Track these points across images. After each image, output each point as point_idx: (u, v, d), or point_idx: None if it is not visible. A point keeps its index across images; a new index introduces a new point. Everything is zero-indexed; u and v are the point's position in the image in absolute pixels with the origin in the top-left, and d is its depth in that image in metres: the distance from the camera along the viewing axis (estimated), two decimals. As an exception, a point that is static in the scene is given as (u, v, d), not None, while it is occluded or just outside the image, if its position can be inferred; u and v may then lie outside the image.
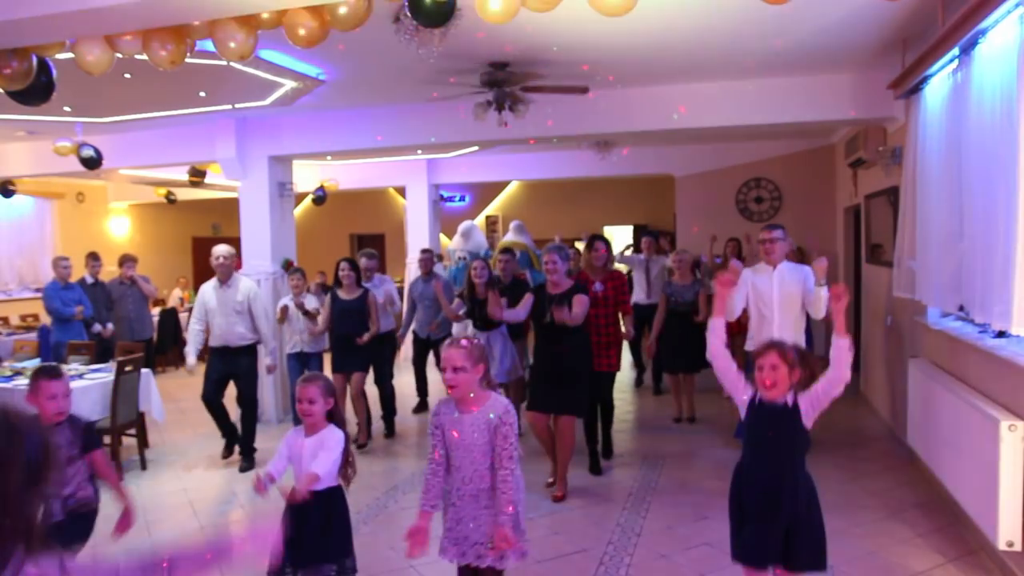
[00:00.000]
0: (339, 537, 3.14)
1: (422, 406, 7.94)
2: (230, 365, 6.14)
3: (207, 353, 6.27)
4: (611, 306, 5.61)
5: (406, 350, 8.86)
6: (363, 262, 6.85)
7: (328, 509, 3.11)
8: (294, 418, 7.03)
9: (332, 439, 3.13)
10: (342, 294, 6.51)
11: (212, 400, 6.13)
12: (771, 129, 7.92)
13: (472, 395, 2.83)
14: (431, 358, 7.82)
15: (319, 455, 3.08)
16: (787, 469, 2.91)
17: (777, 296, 5.08)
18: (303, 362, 6.84)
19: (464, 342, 2.84)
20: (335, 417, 3.21)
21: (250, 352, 6.27)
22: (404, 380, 8.10)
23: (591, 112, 6.92)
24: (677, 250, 7.66)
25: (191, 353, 6.21)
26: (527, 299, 5.23)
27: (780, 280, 5.12)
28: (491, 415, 2.82)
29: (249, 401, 6.26)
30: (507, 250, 6.73)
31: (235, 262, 6.33)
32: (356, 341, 6.36)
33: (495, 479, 2.82)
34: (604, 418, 5.89)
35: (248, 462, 6.17)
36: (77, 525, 3.18)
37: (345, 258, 6.63)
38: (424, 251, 7.89)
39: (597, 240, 5.80)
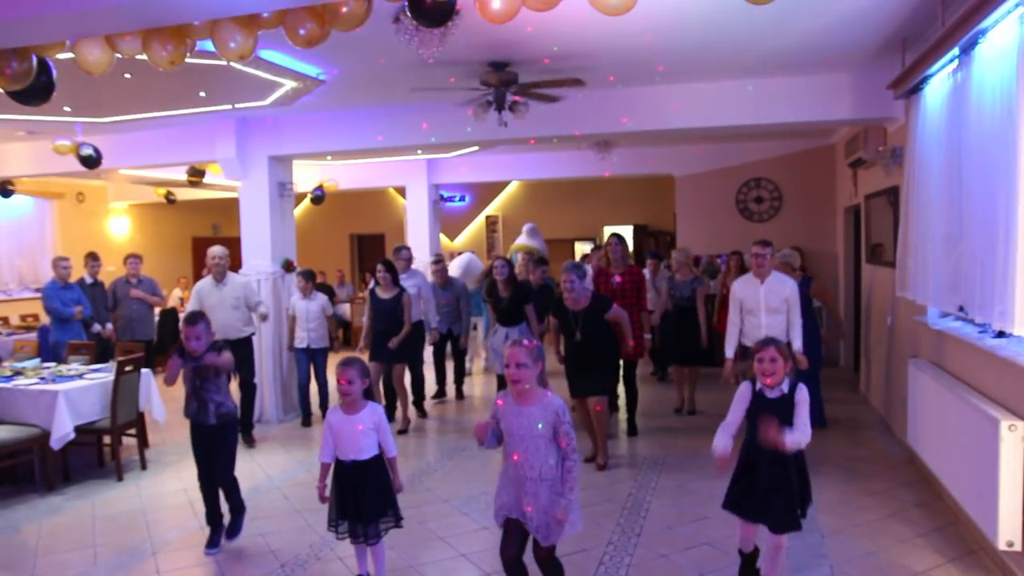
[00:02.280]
0: (389, 494, 3.69)
1: (440, 393, 8.46)
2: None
3: None
4: (630, 297, 6.41)
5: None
6: (403, 253, 7.47)
7: (378, 473, 3.65)
8: (303, 414, 7.58)
9: (380, 416, 3.66)
10: (380, 293, 6.94)
11: None
12: (771, 129, 7.93)
13: (529, 388, 3.16)
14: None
15: (381, 432, 3.66)
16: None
17: (763, 307, 5.61)
18: (310, 357, 7.43)
19: (526, 342, 3.19)
20: (371, 396, 3.73)
21: (247, 343, 6.85)
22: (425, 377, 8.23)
23: (591, 112, 6.92)
24: (676, 249, 8.00)
25: None
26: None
27: (767, 292, 5.60)
28: (551, 413, 3.14)
29: (248, 385, 6.89)
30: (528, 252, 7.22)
31: (229, 262, 6.90)
32: (388, 344, 6.85)
33: (558, 469, 3.17)
34: (629, 402, 6.75)
35: (249, 440, 6.74)
36: (226, 429, 4.35)
37: (381, 260, 7.03)
38: (436, 261, 8.44)
39: (611, 236, 6.71)
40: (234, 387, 6.54)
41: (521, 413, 3.17)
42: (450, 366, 8.73)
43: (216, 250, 6.74)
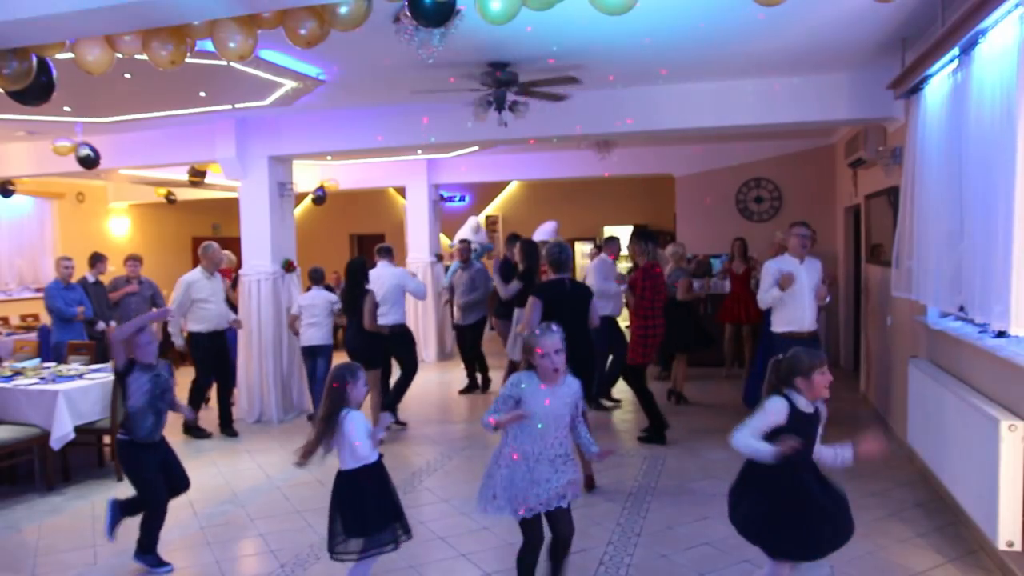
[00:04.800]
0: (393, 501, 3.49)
1: (471, 387, 8.70)
2: (220, 344, 7.17)
3: (188, 341, 7.19)
4: (647, 299, 6.30)
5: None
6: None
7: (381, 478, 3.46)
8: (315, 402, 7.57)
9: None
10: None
11: (208, 384, 7.24)
12: (771, 129, 7.93)
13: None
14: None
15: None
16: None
17: (807, 284, 5.85)
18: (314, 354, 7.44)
19: (555, 327, 3.34)
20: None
21: (227, 331, 7.34)
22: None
23: (591, 112, 6.92)
24: (674, 243, 8.33)
25: (179, 335, 7.22)
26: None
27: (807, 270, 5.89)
28: (575, 393, 3.39)
29: (228, 376, 7.39)
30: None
31: None
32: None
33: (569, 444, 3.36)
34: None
35: (231, 432, 7.16)
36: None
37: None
38: (462, 241, 8.86)
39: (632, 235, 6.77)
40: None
41: (554, 394, 3.31)
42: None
43: (216, 246, 7.32)
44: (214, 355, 7.09)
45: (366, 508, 3.33)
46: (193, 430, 7.08)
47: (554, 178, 12.29)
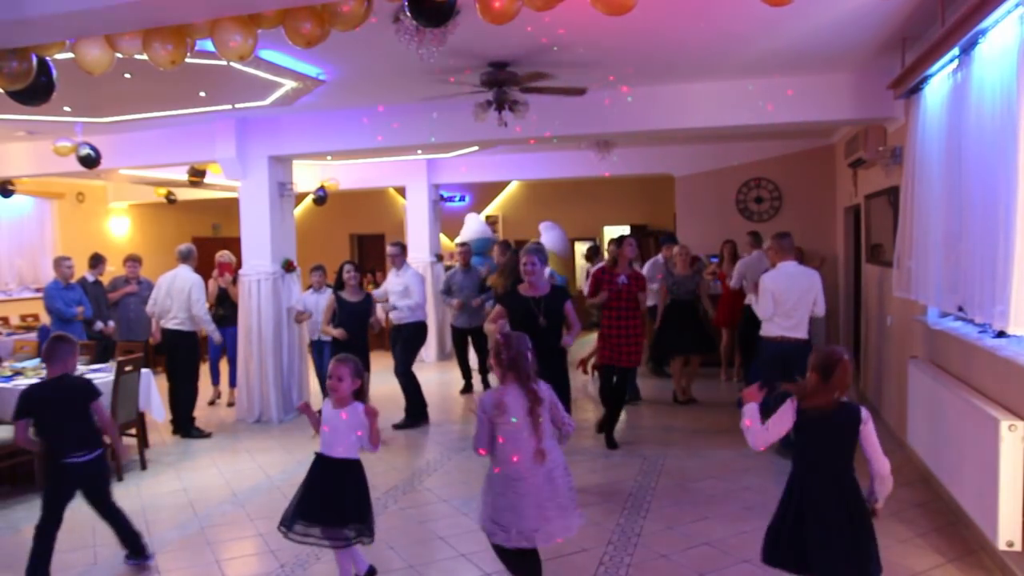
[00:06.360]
0: (362, 505, 3.62)
1: (468, 388, 8.73)
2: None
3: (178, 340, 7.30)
4: (634, 300, 6.25)
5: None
6: (390, 250, 7.52)
7: (351, 478, 3.62)
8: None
9: (361, 416, 3.61)
10: (346, 296, 6.89)
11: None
12: (771, 129, 7.93)
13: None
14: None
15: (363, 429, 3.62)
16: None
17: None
18: (320, 350, 7.61)
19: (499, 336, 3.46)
20: (361, 395, 3.69)
21: None
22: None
23: (591, 112, 6.92)
24: (679, 245, 8.22)
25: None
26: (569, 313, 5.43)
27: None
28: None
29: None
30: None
31: None
32: (366, 332, 6.96)
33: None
34: (611, 414, 6.45)
35: (191, 432, 7.17)
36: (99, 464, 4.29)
37: (348, 261, 7.10)
38: (462, 244, 8.85)
39: (630, 236, 6.61)
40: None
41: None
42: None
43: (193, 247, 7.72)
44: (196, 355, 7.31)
45: (307, 492, 3.62)
46: (192, 431, 7.09)
47: (554, 178, 12.30)
